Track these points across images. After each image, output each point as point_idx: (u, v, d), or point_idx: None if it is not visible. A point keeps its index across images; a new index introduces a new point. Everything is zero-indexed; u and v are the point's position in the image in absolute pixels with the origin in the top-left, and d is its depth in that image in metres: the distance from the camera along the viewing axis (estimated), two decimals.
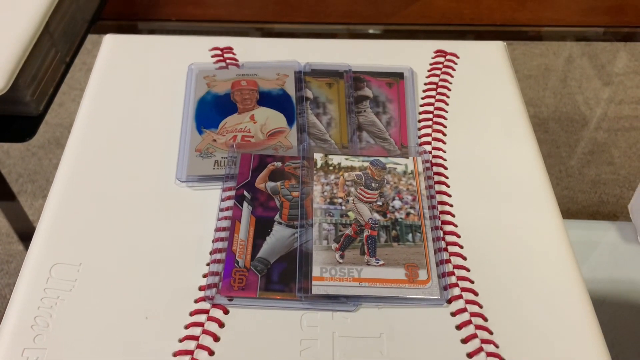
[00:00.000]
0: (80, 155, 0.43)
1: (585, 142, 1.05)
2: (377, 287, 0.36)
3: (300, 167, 0.42)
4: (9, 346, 0.34)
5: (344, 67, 0.49)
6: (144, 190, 0.41)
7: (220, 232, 0.39)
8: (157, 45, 0.53)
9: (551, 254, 0.39)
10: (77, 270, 0.37)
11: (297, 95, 0.47)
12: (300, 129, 0.45)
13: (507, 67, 0.51)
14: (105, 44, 0.52)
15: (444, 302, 0.36)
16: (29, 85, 0.56)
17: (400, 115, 0.47)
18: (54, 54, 0.61)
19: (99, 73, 0.49)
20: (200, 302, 0.36)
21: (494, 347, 0.34)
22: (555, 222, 0.40)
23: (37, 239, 0.39)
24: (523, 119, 0.47)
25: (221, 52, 0.51)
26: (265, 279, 0.36)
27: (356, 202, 0.40)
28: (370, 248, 0.38)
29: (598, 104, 1.08)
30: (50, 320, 0.35)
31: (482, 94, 0.49)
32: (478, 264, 0.38)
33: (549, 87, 1.10)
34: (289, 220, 0.39)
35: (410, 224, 0.39)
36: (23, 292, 0.36)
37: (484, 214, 0.41)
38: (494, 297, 0.37)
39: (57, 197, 0.41)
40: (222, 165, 0.42)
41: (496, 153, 0.45)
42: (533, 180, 0.43)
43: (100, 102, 0.47)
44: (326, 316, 0.35)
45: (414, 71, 0.50)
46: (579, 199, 0.98)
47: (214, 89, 0.48)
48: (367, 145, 0.45)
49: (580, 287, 0.37)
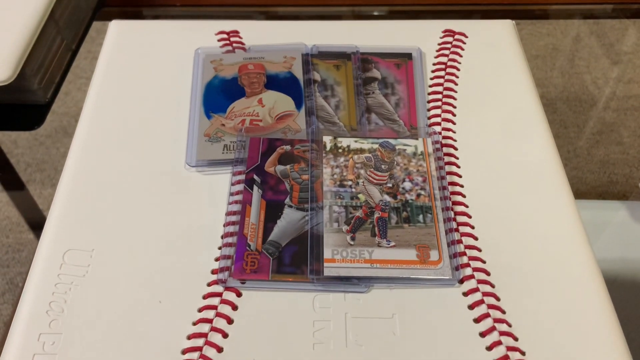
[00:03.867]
0: (90, 142, 0.43)
1: (594, 122, 1.04)
2: (388, 268, 0.36)
3: (309, 150, 0.42)
4: (25, 331, 0.34)
5: (351, 49, 0.49)
6: (154, 176, 0.41)
7: (231, 216, 0.39)
8: (163, 30, 0.52)
9: (563, 234, 0.39)
10: (90, 255, 0.37)
11: (304, 78, 0.47)
12: (308, 111, 0.45)
13: (516, 46, 0.50)
14: (111, 30, 0.52)
15: (455, 282, 0.36)
16: (35, 74, 0.56)
17: (409, 96, 0.46)
18: (60, 41, 0.61)
19: (105, 59, 0.49)
20: (213, 285, 0.36)
21: (506, 326, 0.34)
22: (566, 202, 0.40)
23: (50, 226, 0.39)
24: (533, 98, 0.47)
25: (227, 35, 0.51)
26: (277, 261, 0.36)
27: (366, 184, 0.40)
28: (381, 230, 0.38)
29: (607, 83, 1.07)
30: (65, 305, 0.35)
31: (492, 73, 0.49)
32: (489, 244, 0.38)
33: (557, 67, 1.09)
34: (299, 203, 0.39)
35: (421, 205, 0.39)
36: (37, 278, 0.36)
37: (495, 194, 0.41)
38: (505, 277, 0.37)
39: (68, 184, 0.41)
40: (231, 149, 0.42)
41: (506, 133, 0.44)
42: (543, 160, 0.43)
43: (108, 89, 0.47)
44: (338, 297, 0.35)
45: (423, 51, 0.50)
46: (588, 179, 0.97)
47: (221, 73, 0.48)
48: (376, 127, 0.45)
49: (592, 266, 0.37)
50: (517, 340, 0.34)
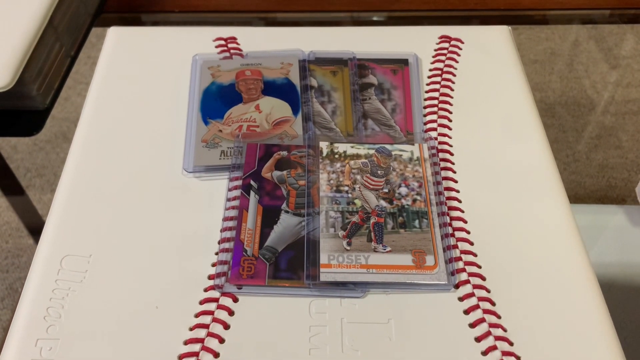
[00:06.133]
0: (88, 148, 0.44)
1: (593, 126, 1.04)
2: (384, 273, 0.36)
3: (306, 155, 0.42)
4: (23, 337, 0.34)
5: (348, 55, 0.49)
6: (152, 182, 0.42)
7: (228, 221, 0.39)
8: (161, 36, 0.53)
9: (558, 239, 0.39)
10: (87, 261, 0.37)
11: (301, 84, 0.47)
12: (305, 117, 0.45)
13: (512, 52, 0.51)
14: (110, 36, 0.52)
15: (451, 287, 0.36)
16: (34, 80, 0.56)
17: (406, 102, 0.47)
18: (59, 47, 0.61)
19: (103, 65, 0.50)
20: (209, 290, 0.36)
21: (502, 331, 0.34)
22: (562, 206, 0.40)
23: (48, 231, 0.39)
24: (529, 103, 0.47)
25: (225, 42, 0.51)
26: (273, 267, 0.37)
27: (362, 189, 0.40)
28: (377, 235, 0.38)
29: (605, 88, 1.08)
30: (62, 311, 0.35)
31: (488, 79, 0.49)
32: (485, 249, 0.38)
33: (555, 72, 1.10)
34: (295, 209, 0.39)
35: (417, 210, 0.39)
36: (35, 283, 0.36)
37: (491, 199, 0.41)
38: (501, 281, 0.37)
39: (66, 189, 0.41)
40: (229, 155, 0.43)
41: (502, 138, 0.45)
42: (539, 165, 0.43)
43: (106, 95, 0.47)
44: (334, 303, 0.36)
45: (419, 57, 0.50)
46: (587, 184, 0.97)
47: (219, 79, 0.48)
48: (372, 132, 0.45)
49: (587, 271, 0.37)
50: (512, 345, 0.34)
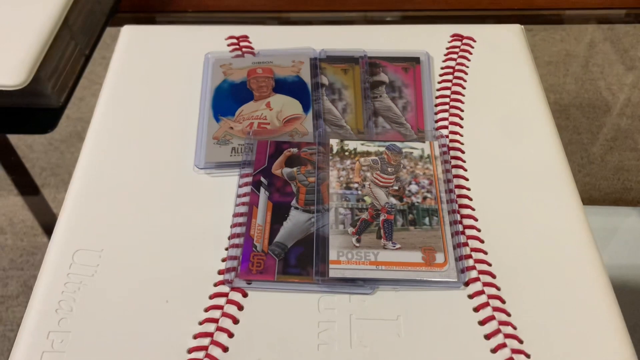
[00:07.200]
0: (100, 143, 0.44)
1: (608, 129, 1.03)
2: (393, 270, 0.36)
3: (316, 152, 0.42)
4: (35, 329, 0.34)
5: (359, 53, 0.49)
6: (163, 178, 0.42)
7: (238, 217, 0.39)
8: (174, 35, 0.53)
9: (569, 238, 0.38)
10: (99, 255, 0.38)
11: (312, 82, 0.47)
12: (315, 115, 0.45)
13: (524, 50, 0.50)
14: (123, 34, 0.53)
15: (461, 285, 0.36)
16: (49, 78, 0.57)
17: (417, 100, 0.47)
18: (74, 47, 0.62)
19: (117, 63, 0.50)
20: (219, 285, 0.36)
21: (511, 329, 0.34)
22: (573, 206, 0.40)
23: (60, 226, 0.39)
24: (541, 102, 0.46)
25: (237, 40, 0.52)
26: (282, 262, 0.37)
27: (372, 186, 0.40)
28: (386, 232, 0.38)
29: (621, 90, 1.06)
30: (74, 304, 0.35)
31: (499, 77, 0.49)
32: (495, 247, 0.38)
33: (570, 73, 1.09)
34: (305, 205, 0.39)
35: (427, 207, 0.39)
36: (47, 277, 0.37)
37: (502, 198, 0.41)
38: (511, 280, 0.36)
39: (79, 184, 0.42)
40: (239, 152, 0.43)
41: (514, 137, 0.44)
42: (551, 165, 0.42)
43: (119, 92, 0.48)
44: (343, 299, 0.36)
45: (430, 55, 0.50)
46: (602, 186, 0.96)
47: (230, 77, 0.48)
48: (383, 130, 0.45)
49: (599, 270, 0.37)
50: (522, 343, 0.34)
